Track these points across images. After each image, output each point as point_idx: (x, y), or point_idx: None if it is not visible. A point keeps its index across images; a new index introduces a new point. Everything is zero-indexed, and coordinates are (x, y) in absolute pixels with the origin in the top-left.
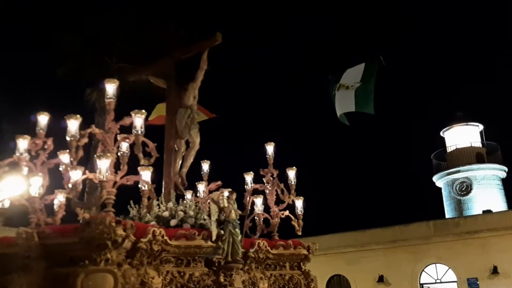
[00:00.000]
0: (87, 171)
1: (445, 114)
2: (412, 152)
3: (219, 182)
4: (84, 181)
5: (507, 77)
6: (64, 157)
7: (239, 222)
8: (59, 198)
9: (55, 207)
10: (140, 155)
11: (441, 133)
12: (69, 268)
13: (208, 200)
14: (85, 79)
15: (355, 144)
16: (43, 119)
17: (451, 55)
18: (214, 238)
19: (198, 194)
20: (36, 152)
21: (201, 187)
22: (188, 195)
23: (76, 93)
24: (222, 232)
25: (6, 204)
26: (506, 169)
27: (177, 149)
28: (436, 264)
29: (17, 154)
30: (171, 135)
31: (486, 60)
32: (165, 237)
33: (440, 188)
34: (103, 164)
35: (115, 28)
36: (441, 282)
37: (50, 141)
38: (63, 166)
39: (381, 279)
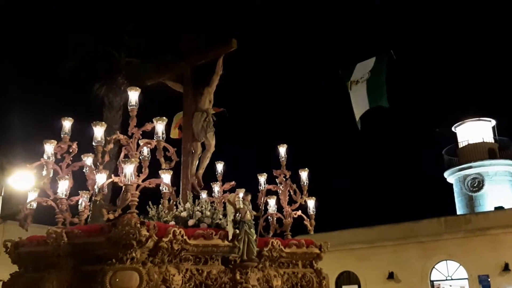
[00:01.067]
0: (112, 175)
1: (457, 109)
2: (423, 147)
3: (233, 183)
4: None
5: None
6: (88, 160)
7: (254, 222)
8: (84, 199)
9: (80, 207)
10: (162, 160)
11: (453, 128)
12: (95, 265)
13: (224, 201)
14: (93, 74)
15: (366, 140)
16: (67, 124)
17: (464, 50)
18: (230, 237)
19: (213, 194)
20: (62, 155)
21: (216, 187)
22: (203, 195)
23: (84, 88)
24: (237, 232)
25: (34, 205)
26: None
27: (193, 151)
28: (447, 261)
29: (45, 157)
30: (188, 138)
31: (499, 55)
32: (185, 237)
33: (452, 184)
34: (128, 169)
35: (123, 22)
36: (451, 279)
37: (74, 145)
38: (87, 169)
39: (391, 275)
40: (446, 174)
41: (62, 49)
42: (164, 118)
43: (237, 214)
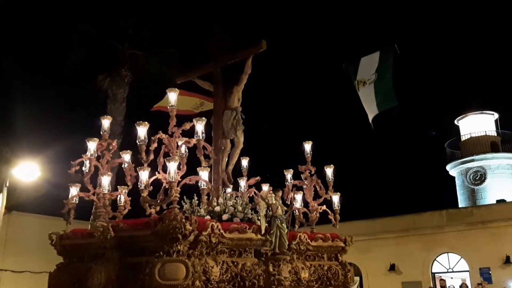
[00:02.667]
0: (156, 172)
1: (460, 102)
2: (426, 140)
3: (258, 178)
4: None
5: None
6: (126, 157)
7: (285, 217)
8: (123, 194)
9: (119, 202)
10: (201, 158)
11: (455, 122)
12: (140, 257)
13: (250, 195)
14: (97, 66)
15: (368, 133)
16: (106, 122)
17: (468, 43)
18: (263, 231)
19: (239, 189)
20: (101, 152)
21: (242, 182)
22: (228, 189)
23: (88, 80)
24: (269, 226)
25: (76, 200)
26: None
27: (223, 148)
28: (448, 254)
29: (88, 154)
30: (218, 135)
31: (502, 48)
32: (221, 231)
33: (454, 177)
34: (171, 166)
35: (128, 15)
36: (453, 272)
37: (114, 143)
38: (126, 165)
39: (392, 267)
40: (448, 167)
41: (67, 41)
42: (204, 118)
43: (269, 209)
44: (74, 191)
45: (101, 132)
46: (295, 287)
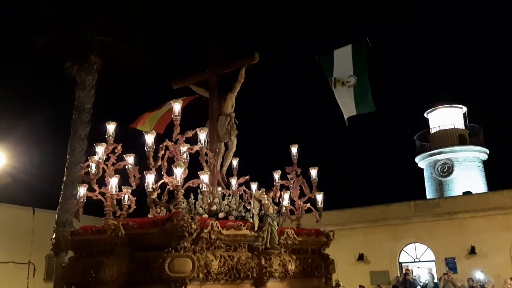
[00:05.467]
0: (164, 176)
1: (430, 95)
2: (395, 133)
3: (247, 177)
4: None
5: (491, 60)
6: (130, 159)
7: (276, 215)
8: (127, 195)
9: (123, 201)
10: (204, 163)
11: (425, 115)
12: (148, 252)
13: (240, 193)
14: (65, 52)
15: (336, 123)
16: (111, 127)
17: (437, 38)
18: (256, 228)
19: (230, 187)
20: (107, 155)
21: (233, 181)
22: (219, 188)
23: (56, 66)
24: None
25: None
26: (488, 151)
27: (218, 150)
28: (415, 244)
29: (96, 158)
30: (213, 139)
31: (471, 43)
32: (220, 228)
33: (422, 169)
34: (178, 171)
35: (98, 1)
36: (419, 261)
37: (119, 147)
38: (129, 167)
39: (361, 257)
40: (417, 159)
41: (35, 25)
42: (206, 128)
43: (262, 208)
44: (82, 190)
45: (106, 137)
46: (283, 278)
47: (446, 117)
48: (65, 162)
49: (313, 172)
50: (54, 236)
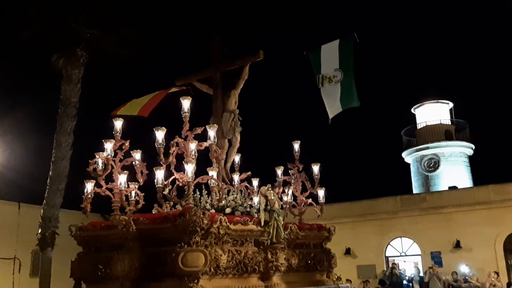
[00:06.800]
0: (174, 172)
1: (416, 91)
2: (382, 128)
3: (249, 173)
4: None
5: (478, 56)
6: (137, 155)
7: (281, 210)
8: (135, 190)
9: (131, 197)
10: (213, 160)
11: (412, 110)
12: (159, 247)
13: (241, 189)
14: (51, 45)
15: (323, 117)
16: (118, 123)
17: (424, 33)
18: (262, 223)
19: (233, 183)
20: (115, 151)
21: (236, 177)
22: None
23: (41, 59)
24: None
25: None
26: (473, 146)
27: (222, 147)
28: (402, 238)
29: (105, 154)
30: (218, 136)
31: (458, 39)
32: (228, 223)
33: (409, 164)
34: (188, 168)
35: None
36: (406, 255)
37: (127, 143)
38: (137, 163)
39: (348, 251)
40: (404, 154)
41: (20, 17)
42: (215, 125)
43: (268, 204)
44: (90, 186)
45: (114, 133)
46: (286, 272)
47: (433, 113)
48: (51, 157)
49: (315, 168)
50: (39, 231)
